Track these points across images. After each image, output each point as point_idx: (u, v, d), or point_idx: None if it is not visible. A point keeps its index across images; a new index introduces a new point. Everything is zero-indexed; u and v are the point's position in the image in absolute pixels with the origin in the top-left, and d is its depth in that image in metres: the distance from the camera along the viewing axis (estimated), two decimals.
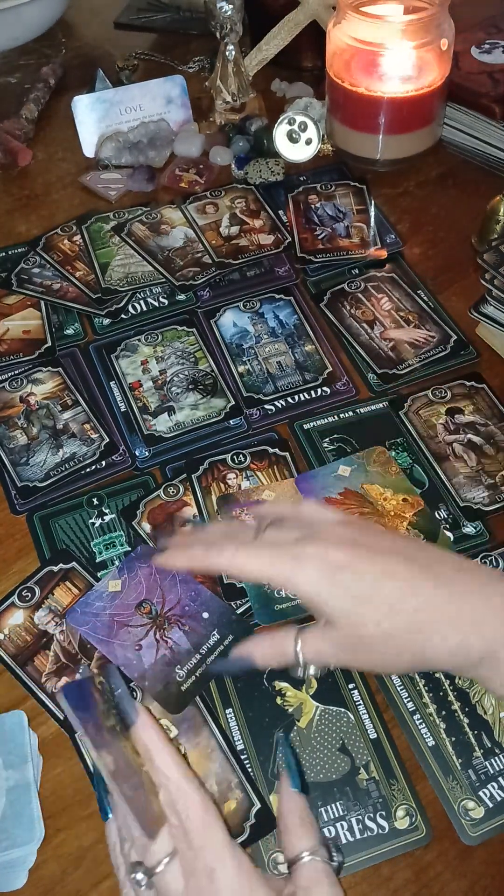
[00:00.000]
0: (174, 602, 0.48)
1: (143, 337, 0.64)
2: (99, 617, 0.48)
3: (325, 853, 0.36)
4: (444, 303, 0.65)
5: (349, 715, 0.44)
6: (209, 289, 0.68)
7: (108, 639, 0.47)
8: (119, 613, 0.48)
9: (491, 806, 0.41)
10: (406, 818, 0.41)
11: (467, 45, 0.85)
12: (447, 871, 0.40)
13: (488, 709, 0.44)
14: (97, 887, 0.40)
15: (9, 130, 0.84)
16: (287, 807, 0.38)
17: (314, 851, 0.36)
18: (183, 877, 0.34)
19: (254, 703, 0.45)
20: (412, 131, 0.74)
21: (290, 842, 0.36)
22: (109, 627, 0.47)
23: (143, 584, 0.49)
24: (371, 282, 0.67)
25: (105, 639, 0.47)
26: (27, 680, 0.46)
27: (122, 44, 1.00)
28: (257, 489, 0.53)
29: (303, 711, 0.44)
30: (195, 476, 0.54)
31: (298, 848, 0.36)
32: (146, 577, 0.49)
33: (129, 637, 0.47)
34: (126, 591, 0.49)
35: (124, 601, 0.48)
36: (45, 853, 0.41)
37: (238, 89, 0.82)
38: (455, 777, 0.42)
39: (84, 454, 0.56)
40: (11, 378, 0.62)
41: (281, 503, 0.42)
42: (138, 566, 0.50)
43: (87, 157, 0.82)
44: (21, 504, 0.54)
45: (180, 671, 0.45)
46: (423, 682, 0.45)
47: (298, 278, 0.68)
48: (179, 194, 0.77)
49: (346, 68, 0.72)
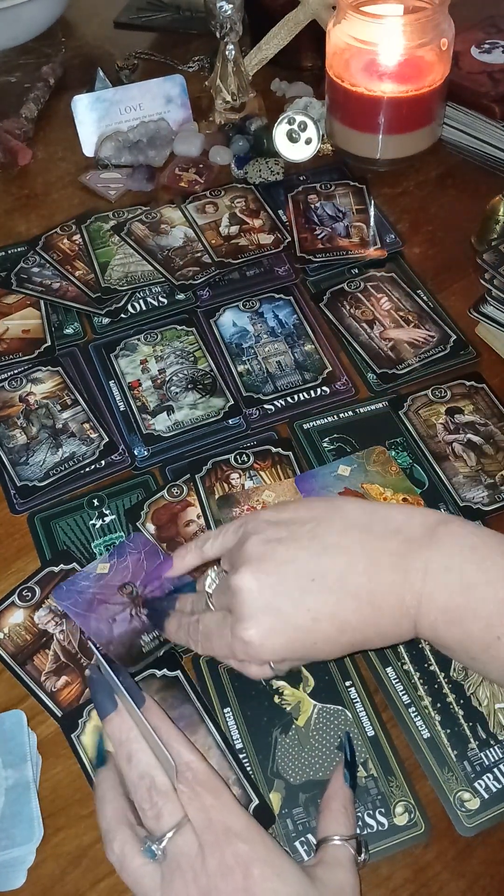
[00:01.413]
0: (156, 585, 0.49)
1: (143, 336, 0.64)
2: (82, 594, 0.49)
3: (355, 845, 0.38)
4: (443, 303, 0.65)
5: (347, 713, 0.44)
6: (209, 288, 0.68)
7: (85, 612, 0.48)
8: (101, 593, 0.49)
9: (486, 797, 0.41)
10: (405, 814, 0.41)
11: (467, 44, 0.85)
12: (446, 871, 0.40)
13: (483, 700, 0.44)
14: (96, 886, 0.40)
15: (8, 130, 0.84)
16: (335, 793, 0.40)
17: (346, 839, 0.37)
18: (197, 837, 0.35)
19: (252, 701, 0.45)
20: (412, 131, 0.74)
21: (328, 823, 0.38)
22: (89, 603, 0.49)
23: (130, 569, 0.50)
24: (371, 281, 0.67)
25: (82, 612, 0.48)
26: (27, 679, 0.46)
27: (122, 43, 1.00)
28: (258, 489, 0.53)
29: (301, 710, 0.44)
30: (199, 476, 0.55)
31: (333, 830, 0.38)
32: (134, 563, 0.50)
33: (106, 612, 0.48)
34: (112, 574, 0.50)
35: (109, 583, 0.49)
36: (44, 852, 0.41)
37: (238, 89, 0.83)
38: (451, 769, 0.42)
39: (83, 454, 0.56)
40: (11, 377, 0.62)
41: (214, 532, 0.45)
42: (129, 552, 0.51)
43: (87, 157, 0.82)
44: (20, 504, 0.54)
45: (147, 638, 0.47)
46: (419, 675, 0.45)
47: (298, 278, 0.68)
48: (179, 194, 0.77)
49: (345, 68, 0.72)
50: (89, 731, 0.44)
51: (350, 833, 0.38)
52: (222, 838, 0.35)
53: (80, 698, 0.45)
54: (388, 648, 0.46)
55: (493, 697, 0.44)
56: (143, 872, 0.36)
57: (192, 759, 0.37)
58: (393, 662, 0.46)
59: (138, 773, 0.37)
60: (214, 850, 0.34)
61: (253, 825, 0.36)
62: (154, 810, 0.36)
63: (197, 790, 0.36)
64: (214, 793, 0.36)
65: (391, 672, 0.45)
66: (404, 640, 0.40)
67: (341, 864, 0.37)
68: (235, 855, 0.34)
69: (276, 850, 0.35)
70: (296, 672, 0.45)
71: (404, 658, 0.46)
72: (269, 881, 0.34)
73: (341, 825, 0.38)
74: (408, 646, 0.46)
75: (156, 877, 0.35)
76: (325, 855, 0.37)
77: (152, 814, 0.36)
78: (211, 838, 0.35)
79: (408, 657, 0.46)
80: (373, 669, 0.45)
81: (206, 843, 0.35)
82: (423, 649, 0.46)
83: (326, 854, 0.37)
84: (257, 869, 0.34)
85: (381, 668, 0.45)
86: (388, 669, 0.45)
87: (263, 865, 0.34)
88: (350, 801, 0.39)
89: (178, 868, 0.35)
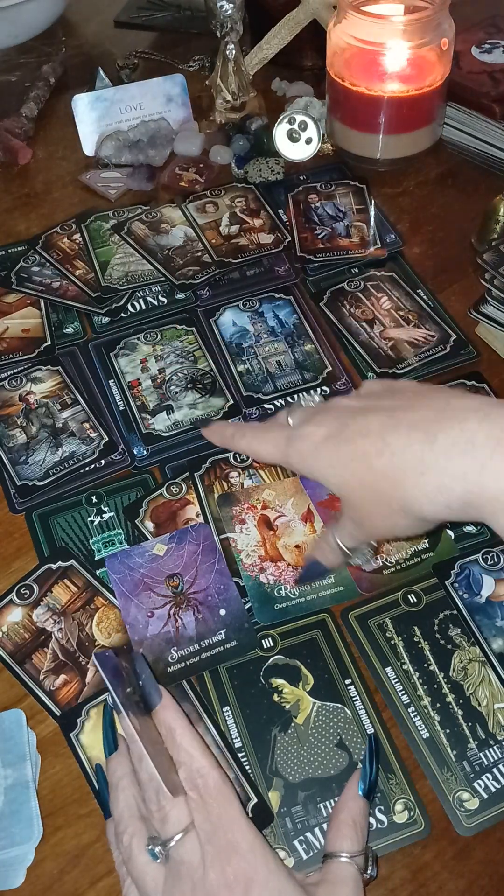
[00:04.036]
0: (202, 587, 0.49)
1: (143, 336, 0.64)
2: (132, 572, 0.49)
3: (362, 862, 0.37)
4: (443, 302, 0.65)
5: (346, 711, 0.44)
6: (209, 288, 0.68)
7: (129, 594, 0.49)
8: (150, 576, 0.49)
9: (486, 797, 0.41)
10: (405, 812, 0.41)
11: (467, 44, 0.85)
12: (444, 871, 0.40)
13: (482, 700, 0.44)
14: (95, 886, 0.40)
15: (9, 129, 0.84)
16: (347, 805, 0.39)
17: (354, 856, 0.37)
18: (200, 847, 0.35)
19: (251, 700, 0.45)
20: (412, 131, 0.74)
21: (336, 838, 0.37)
22: (136, 585, 0.49)
23: (184, 559, 0.50)
24: (371, 281, 0.67)
25: (127, 594, 0.49)
26: (25, 678, 0.46)
27: (123, 42, 1.00)
28: (258, 488, 0.53)
29: (300, 708, 0.44)
30: (197, 475, 0.54)
31: (341, 847, 0.37)
32: (189, 554, 0.50)
33: (148, 602, 0.48)
34: (166, 559, 0.50)
35: (160, 566, 0.50)
36: (44, 851, 0.41)
37: (238, 88, 0.83)
38: (450, 769, 0.42)
39: (83, 453, 0.56)
40: (11, 377, 0.62)
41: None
42: (189, 541, 0.51)
43: (87, 156, 0.82)
44: (20, 503, 0.54)
45: (175, 653, 0.46)
46: (418, 674, 0.45)
47: (298, 277, 0.68)
48: (179, 193, 0.77)
49: (346, 68, 0.72)
50: (88, 730, 0.44)
51: (357, 850, 0.37)
52: (225, 852, 0.34)
53: (79, 697, 0.45)
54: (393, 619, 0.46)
55: (493, 697, 0.44)
56: (147, 871, 0.36)
57: (205, 764, 0.37)
58: (392, 662, 0.46)
59: (148, 774, 0.37)
60: (216, 864, 0.34)
61: (258, 843, 0.35)
62: (161, 813, 0.36)
63: (206, 799, 0.36)
64: (223, 804, 0.36)
65: (390, 672, 0.45)
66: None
67: (345, 883, 0.36)
68: (236, 872, 0.34)
69: (278, 871, 0.35)
70: (295, 670, 0.45)
71: (403, 658, 0.46)
72: None
73: (347, 840, 0.37)
74: (407, 646, 0.46)
75: (159, 878, 0.35)
76: (330, 873, 0.36)
77: (158, 816, 0.36)
78: (213, 851, 0.35)
79: (407, 657, 0.46)
80: (372, 669, 0.45)
81: (208, 855, 0.35)
82: (422, 649, 0.46)
83: (330, 872, 0.36)
84: (256, 890, 0.34)
85: (381, 667, 0.45)
86: (387, 669, 0.45)
87: (263, 887, 0.34)
88: (361, 814, 0.38)
89: (179, 876, 0.35)
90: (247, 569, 0.50)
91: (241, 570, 0.50)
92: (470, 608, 0.47)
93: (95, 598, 0.49)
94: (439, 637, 0.46)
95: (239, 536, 0.51)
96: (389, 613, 0.48)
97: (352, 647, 0.46)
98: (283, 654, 0.46)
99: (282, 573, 0.50)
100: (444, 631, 0.47)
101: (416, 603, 0.48)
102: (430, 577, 0.49)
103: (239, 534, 0.51)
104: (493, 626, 0.46)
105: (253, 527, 0.52)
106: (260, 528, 0.52)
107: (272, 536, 0.51)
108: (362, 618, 0.47)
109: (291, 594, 0.48)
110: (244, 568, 0.50)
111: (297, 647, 0.47)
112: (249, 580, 0.49)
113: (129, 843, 0.36)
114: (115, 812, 0.38)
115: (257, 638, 0.47)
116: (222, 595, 0.49)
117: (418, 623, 0.47)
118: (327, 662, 0.46)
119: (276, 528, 0.52)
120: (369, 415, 0.38)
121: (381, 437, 0.37)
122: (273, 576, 0.49)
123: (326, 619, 0.48)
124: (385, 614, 0.48)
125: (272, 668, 0.46)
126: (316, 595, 0.49)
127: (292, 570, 0.50)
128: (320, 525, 0.52)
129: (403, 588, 0.49)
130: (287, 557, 0.50)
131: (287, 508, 0.52)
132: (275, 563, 0.50)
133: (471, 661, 0.45)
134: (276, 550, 0.51)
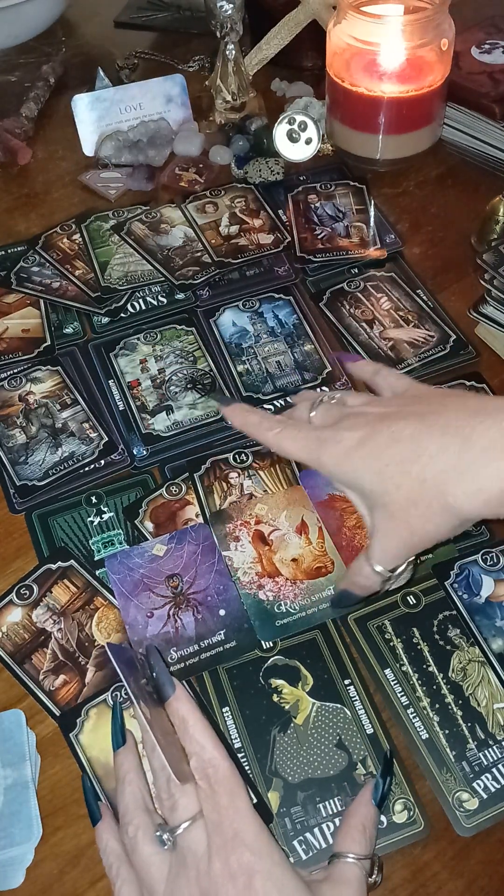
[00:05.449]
0: (201, 587, 0.49)
1: (142, 336, 0.64)
2: (132, 572, 0.49)
3: (368, 866, 0.37)
4: (443, 303, 0.65)
5: (345, 711, 0.44)
6: (208, 288, 0.68)
7: (129, 595, 0.48)
8: (149, 577, 0.49)
9: (485, 797, 0.41)
10: (404, 812, 0.41)
11: (467, 45, 0.85)
12: (444, 871, 0.40)
13: (482, 701, 0.44)
14: (94, 886, 0.40)
15: (8, 129, 0.84)
16: (359, 809, 0.39)
17: (360, 859, 0.37)
18: (207, 836, 0.35)
19: (250, 701, 0.45)
20: (412, 131, 0.74)
21: (344, 840, 0.38)
22: (135, 585, 0.49)
23: (184, 559, 0.50)
24: (370, 281, 0.67)
25: (127, 594, 0.49)
26: (25, 678, 0.46)
27: (122, 42, 1.00)
28: (250, 503, 0.53)
29: (299, 708, 0.44)
30: (197, 475, 0.54)
31: (349, 848, 0.37)
32: (189, 554, 0.50)
33: (147, 602, 0.48)
34: (165, 559, 0.50)
35: (160, 567, 0.50)
36: (43, 852, 0.41)
37: (238, 88, 0.83)
38: (449, 769, 0.42)
39: (83, 453, 0.56)
40: (10, 377, 0.62)
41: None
42: (188, 541, 0.51)
43: (87, 156, 0.82)
44: (20, 503, 0.54)
45: (174, 653, 0.46)
46: (417, 675, 0.45)
47: (298, 278, 0.68)
48: (179, 193, 0.77)
49: (346, 68, 0.72)
50: (88, 730, 0.44)
51: (365, 853, 0.37)
52: (230, 843, 0.35)
53: (79, 697, 0.45)
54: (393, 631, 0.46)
55: (492, 698, 0.44)
56: (152, 861, 0.36)
57: (217, 755, 0.37)
58: (391, 664, 0.46)
59: (160, 763, 0.37)
60: (220, 854, 0.35)
61: (263, 835, 0.36)
62: (171, 801, 0.37)
63: (215, 789, 0.36)
64: (231, 795, 0.36)
65: (389, 674, 0.45)
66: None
67: (349, 883, 0.36)
68: (240, 863, 0.34)
69: (282, 865, 0.35)
70: (295, 670, 0.45)
71: (403, 660, 0.46)
72: (269, 895, 0.34)
73: (356, 843, 0.38)
74: (406, 647, 0.46)
75: (163, 868, 0.36)
76: (335, 872, 0.37)
77: (168, 804, 0.37)
78: (219, 841, 0.35)
79: (406, 659, 0.46)
80: (371, 671, 0.45)
81: (213, 845, 0.35)
82: (421, 651, 0.46)
83: (336, 871, 0.37)
84: (259, 881, 0.34)
85: (380, 669, 0.45)
86: (386, 671, 0.45)
87: (266, 878, 0.34)
88: (372, 821, 0.39)
89: (184, 865, 0.35)
90: (244, 586, 0.49)
91: (238, 589, 0.49)
92: (469, 609, 0.47)
93: (95, 598, 0.49)
94: (438, 638, 0.46)
95: (234, 554, 0.50)
96: (389, 615, 0.48)
97: (351, 649, 0.46)
98: (283, 655, 0.46)
99: (280, 588, 0.49)
100: (444, 632, 0.47)
101: (415, 604, 0.48)
102: (430, 578, 0.49)
103: (234, 551, 0.50)
104: (492, 627, 0.46)
105: (248, 543, 0.51)
106: (255, 543, 0.51)
107: (268, 552, 0.50)
108: (361, 620, 0.47)
109: (292, 609, 0.48)
110: (241, 586, 0.49)
111: (296, 648, 0.47)
112: (248, 598, 0.48)
113: (134, 834, 0.37)
114: (121, 804, 0.38)
115: (257, 638, 0.47)
116: (222, 595, 0.49)
117: (417, 624, 0.47)
118: (327, 663, 0.46)
119: (271, 542, 0.51)
120: (400, 421, 0.40)
121: (415, 441, 0.38)
122: (272, 592, 0.49)
123: (326, 620, 0.48)
124: (384, 616, 0.48)
125: (272, 668, 0.46)
126: (317, 608, 0.48)
127: (290, 584, 0.49)
128: (316, 534, 0.51)
129: (402, 590, 0.48)
130: (284, 572, 0.49)
131: (280, 521, 0.52)
132: (272, 579, 0.49)
133: (470, 662, 0.45)
134: (272, 566, 0.50)
